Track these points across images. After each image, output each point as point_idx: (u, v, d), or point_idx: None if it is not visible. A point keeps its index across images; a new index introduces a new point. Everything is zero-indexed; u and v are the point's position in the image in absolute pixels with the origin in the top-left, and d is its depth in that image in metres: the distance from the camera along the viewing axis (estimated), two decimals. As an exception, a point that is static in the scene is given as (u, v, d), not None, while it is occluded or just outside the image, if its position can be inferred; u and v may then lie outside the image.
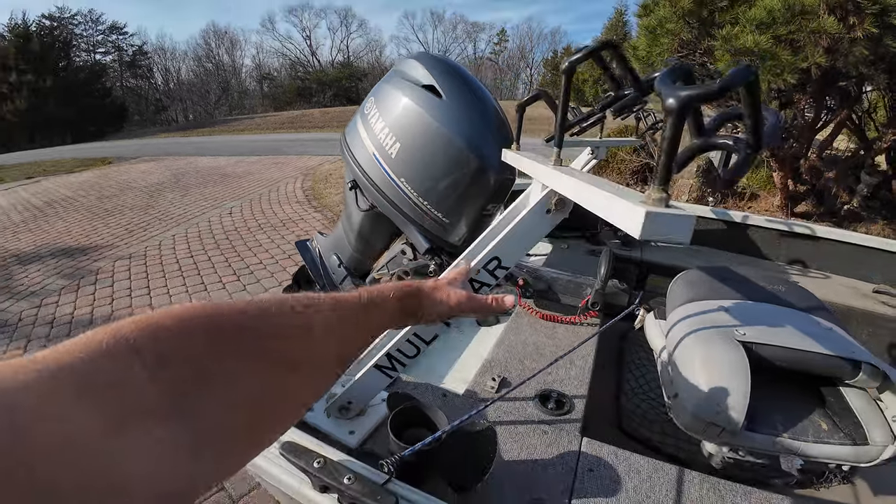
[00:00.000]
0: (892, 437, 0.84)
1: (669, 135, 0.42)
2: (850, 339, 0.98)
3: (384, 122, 1.41)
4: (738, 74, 0.43)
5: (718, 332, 0.87)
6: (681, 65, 0.52)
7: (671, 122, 0.42)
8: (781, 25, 3.72)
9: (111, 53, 41.66)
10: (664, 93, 0.42)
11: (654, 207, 0.41)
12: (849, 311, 1.98)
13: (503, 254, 0.71)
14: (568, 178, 0.59)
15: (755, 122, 0.48)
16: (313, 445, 0.66)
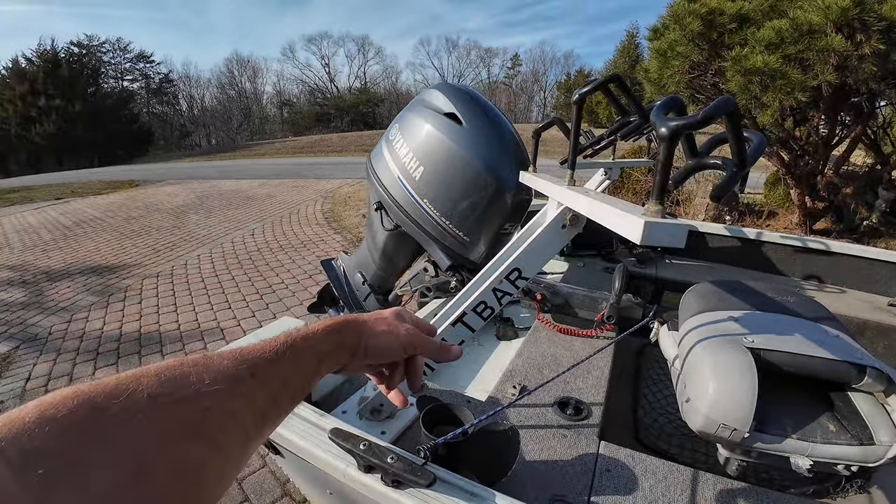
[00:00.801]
0: None
1: (663, 158, 0.49)
2: (855, 346, 1.03)
3: (408, 148, 1.51)
4: (718, 106, 0.50)
5: (727, 340, 0.92)
6: (673, 97, 0.59)
7: (663, 147, 0.49)
8: (790, 45, 3.79)
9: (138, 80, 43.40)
10: (657, 123, 0.50)
11: (652, 218, 0.48)
12: (864, 324, 1.99)
13: (523, 265, 0.78)
14: (581, 196, 0.66)
15: (738, 146, 0.55)
16: (358, 432, 0.73)
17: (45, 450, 0.25)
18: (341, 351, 0.49)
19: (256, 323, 3.60)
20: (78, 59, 36.22)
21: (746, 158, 0.57)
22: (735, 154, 0.57)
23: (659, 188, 0.49)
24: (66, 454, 0.25)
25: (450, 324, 0.84)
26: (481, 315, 0.83)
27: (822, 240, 2.32)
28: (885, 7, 3.66)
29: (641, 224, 0.47)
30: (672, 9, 4.37)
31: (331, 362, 0.48)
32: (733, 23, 4.10)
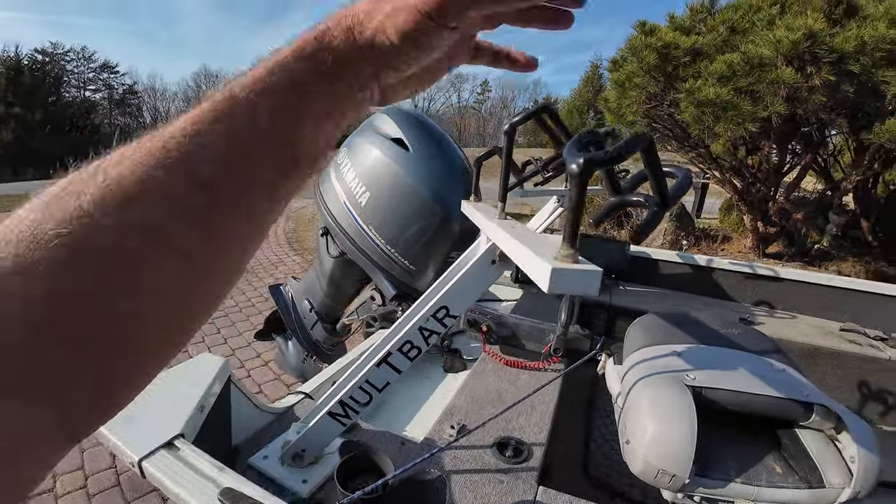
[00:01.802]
0: (849, 479, 0.85)
1: (573, 197, 0.46)
2: (802, 381, 1.01)
3: (355, 173, 1.46)
4: (632, 143, 0.47)
5: (668, 377, 0.90)
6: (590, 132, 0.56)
7: (573, 185, 0.45)
8: (741, 78, 3.96)
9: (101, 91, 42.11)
10: (567, 158, 0.46)
11: (560, 264, 0.44)
12: (815, 350, 2.03)
13: (452, 303, 0.73)
14: (502, 231, 0.63)
15: (658, 183, 0.53)
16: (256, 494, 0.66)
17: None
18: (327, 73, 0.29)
19: (205, 347, 3.43)
20: (41, 67, 34.93)
21: (668, 196, 0.54)
22: (655, 192, 0.54)
23: (570, 230, 0.46)
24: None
25: (374, 364, 0.78)
26: (408, 356, 0.78)
27: (771, 266, 2.37)
28: (836, 39, 3.88)
29: (548, 270, 0.44)
30: (630, 42, 4.53)
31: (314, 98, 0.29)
32: (687, 56, 4.27)
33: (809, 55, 3.88)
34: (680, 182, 0.58)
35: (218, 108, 0.27)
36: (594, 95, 25.49)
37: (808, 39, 3.84)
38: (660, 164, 0.52)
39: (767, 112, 3.91)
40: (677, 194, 0.57)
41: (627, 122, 5.05)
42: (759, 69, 3.91)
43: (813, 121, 4.42)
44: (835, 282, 2.35)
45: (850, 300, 2.31)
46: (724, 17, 4.60)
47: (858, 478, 0.85)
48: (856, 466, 0.86)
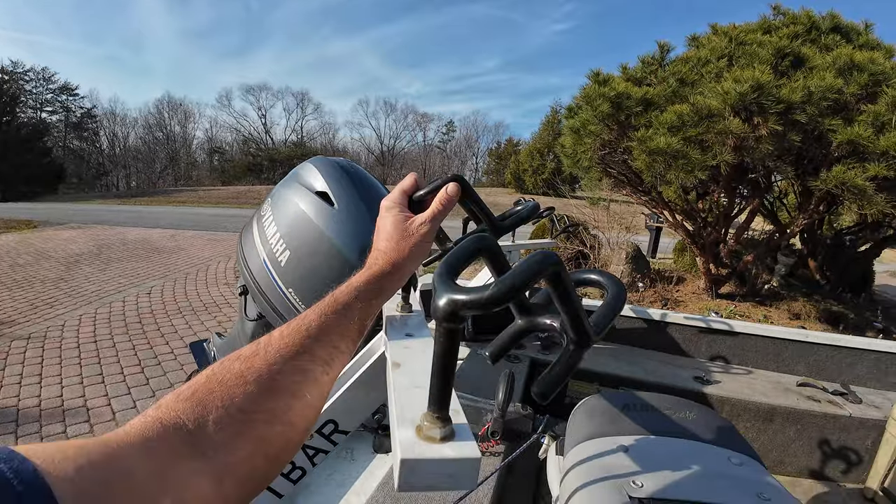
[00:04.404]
0: None
1: (440, 346, 0.33)
2: (763, 478, 0.90)
3: (276, 228, 1.31)
4: (523, 271, 0.35)
5: (610, 490, 0.77)
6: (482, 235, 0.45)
7: (439, 333, 0.33)
8: (691, 127, 4.06)
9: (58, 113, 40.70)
10: (437, 291, 0.34)
11: (418, 449, 0.31)
12: (774, 410, 1.97)
13: (340, 416, 0.59)
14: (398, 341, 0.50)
15: (572, 316, 0.41)
16: None
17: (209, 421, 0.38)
18: (384, 293, 0.55)
19: (131, 402, 3.12)
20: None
21: (587, 332, 0.42)
22: (570, 327, 0.41)
23: (438, 394, 0.33)
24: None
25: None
26: (289, 477, 0.63)
27: (724, 321, 2.33)
28: (783, 90, 4.05)
29: (398, 462, 0.31)
30: (585, 91, 4.62)
31: (377, 303, 0.54)
32: (639, 106, 4.37)
33: (756, 106, 4.03)
34: (611, 302, 0.46)
35: (331, 305, 0.50)
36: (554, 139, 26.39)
37: (755, 91, 3.99)
38: (571, 294, 0.40)
39: (716, 161, 4.02)
40: (607, 318, 0.45)
41: (583, 168, 5.12)
42: (707, 120, 4.02)
43: (759, 168, 4.58)
44: (788, 334, 2.33)
45: (806, 353, 2.29)
46: (674, 69, 4.78)
47: None
48: None
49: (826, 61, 4.50)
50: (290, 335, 0.46)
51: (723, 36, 4.85)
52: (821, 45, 5.16)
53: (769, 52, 4.49)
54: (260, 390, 0.41)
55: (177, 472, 0.33)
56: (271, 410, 0.41)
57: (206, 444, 0.36)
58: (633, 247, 6.25)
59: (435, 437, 0.33)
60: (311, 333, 0.47)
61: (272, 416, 0.41)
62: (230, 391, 0.40)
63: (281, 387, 0.43)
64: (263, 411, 0.41)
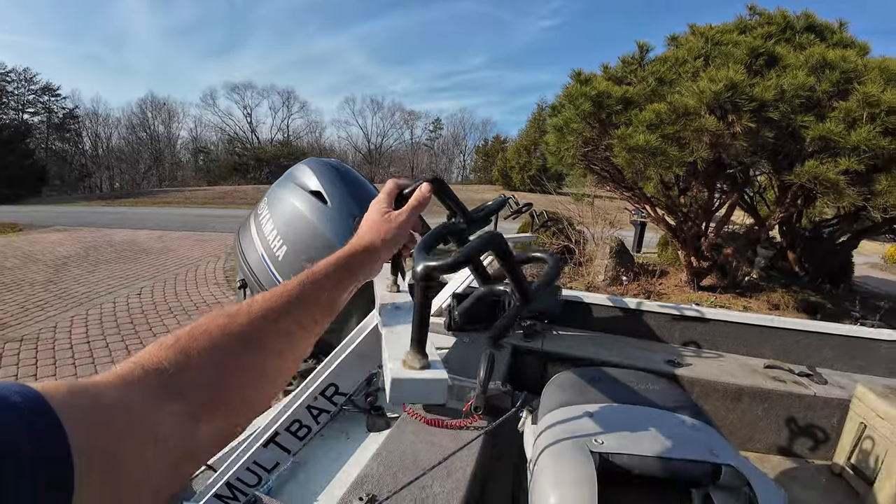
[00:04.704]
0: None
1: (418, 301, 0.45)
2: (715, 439, 1.01)
3: (273, 225, 1.41)
4: (478, 246, 0.46)
5: (574, 444, 0.89)
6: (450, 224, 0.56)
7: (417, 289, 0.44)
8: (668, 125, 4.21)
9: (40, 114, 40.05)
10: (415, 261, 0.45)
11: (401, 374, 0.42)
12: (741, 390, 2.09)
13: (341, 380, 0.70)
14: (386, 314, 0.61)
15: (515, 280, 0.52)
16: None
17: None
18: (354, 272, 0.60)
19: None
20: (-20, 88, 33.01)
21: (528, 292, 0.53)
22: (515, 289, 0.53)
23: (417, 335, 0.44)
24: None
25: (261, 445, 0.73)
26: (296, 435, 0.73)
27: (697, 308, 2.47)
28: (756, 89, 4.21)
29: (390, 379, 0.42)
30: (567, 90, 4.76)
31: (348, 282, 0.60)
32: (619, 105, 4.51)
33: (730, 104, 4.19)
34: (548, 271, 0.57)
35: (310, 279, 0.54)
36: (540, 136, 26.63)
37: (729, 90, 4.14)
38: (513, 261, 0.51)
39: (693, 157, 4.17)
40: (544, 283, 0.57)
41: (567, 165, 5.26)
42: (684, 118, 4.17)
43: (735, 164, 4.74)
44: (758, 320, 2.46)
45: (773, 337, 2.42)
46: (653, 68, 4.92)
47: None
48: None
49: (799, 60, 4.67)
50: (272, 299, 0.50)
51: (699, 36, 5.00)
52: (795, 45, 5.31)
53: (744, 51, 4.65)
54: (242, 344, 0.45)
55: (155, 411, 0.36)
56: (251, 364, 0.45)
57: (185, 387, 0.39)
58: (617, 241, 6.41)
59: (415, 367, 0.44)
60: (291, 299, 0.51)
61: (251, 369, 0.45)
62: (213, 342, 0.42)
63: (261, 344, 0.46)
64: (243, 365, 0.44)
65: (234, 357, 0.44)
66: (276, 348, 0.48)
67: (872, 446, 1.92)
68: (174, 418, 0.37)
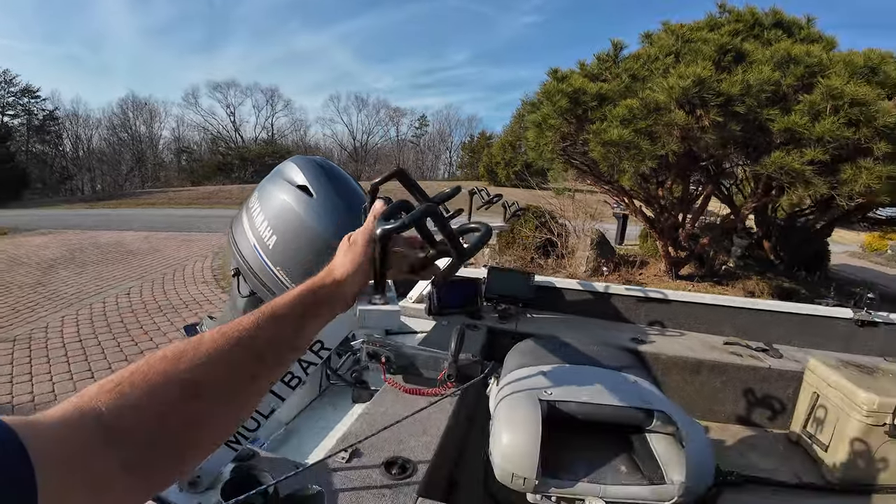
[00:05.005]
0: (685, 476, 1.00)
1: (378, 255, 0.60)
2: (650, 390, 1.17)
3: (264, 216, 1.55)
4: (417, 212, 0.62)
5: (525, 394, 1.04)
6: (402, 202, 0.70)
7: (378, 247, 0.59)
8: (640, 120, 4.40)
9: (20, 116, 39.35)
10: (376, 225, 0.60)
11: (369, 306, 0.58)
12: (700, 363, 2.24)
13: (325, 337, 0.84)
14: None
15: (451, 240, 0.67)
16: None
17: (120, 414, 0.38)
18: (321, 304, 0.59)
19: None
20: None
21: (462, 251, 0.68)
22: (452, 248, 0.68)
23: (377, 280, 0.59)
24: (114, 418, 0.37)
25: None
26: (289, 385, 0.88)
27: (661, 290, 2.64)
28: (723, 84, 4.40)
29: (359, 312, 0.56)
30: (545, 87, 4.93)
31: (316, 313, 0.58)
32: (594, 101, 4.69)
33: (698, 99, 4.38)
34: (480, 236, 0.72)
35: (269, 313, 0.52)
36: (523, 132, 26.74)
37: (697, 86, 4.33)
38: (448, 226, 0.67)
39: (664, 150, 4.35)
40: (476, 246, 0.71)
41: (547, 159, 5.43)
42: (655, 112, 4.35)
43: (704, 156, 4.93)
44: (719, 301, 2.64)
45: (733, 316, 2.59)
46: (627, 65, 5.11)
47: (690, 474, 0.99)
48: (688, 465, 1.00)
49: (765, 55, 4.86)
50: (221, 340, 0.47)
51: (671, 34, 5.20)
52: (763, 41, 5.50)
53: (712, 48, 4.84)
54: (183, 391, 0.42)
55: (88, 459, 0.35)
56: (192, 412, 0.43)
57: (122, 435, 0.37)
58: (597, 233, 6.60)
59: (378, 302, 0.58)
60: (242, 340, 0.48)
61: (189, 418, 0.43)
62: (152, 390, 0.40)
63: (204, 391, 0.44)
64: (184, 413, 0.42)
65: (174, 405, 0.42)
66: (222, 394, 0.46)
67: (825, 414, 2.07)
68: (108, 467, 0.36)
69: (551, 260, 6.57)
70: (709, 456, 1.01)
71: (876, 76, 5.04)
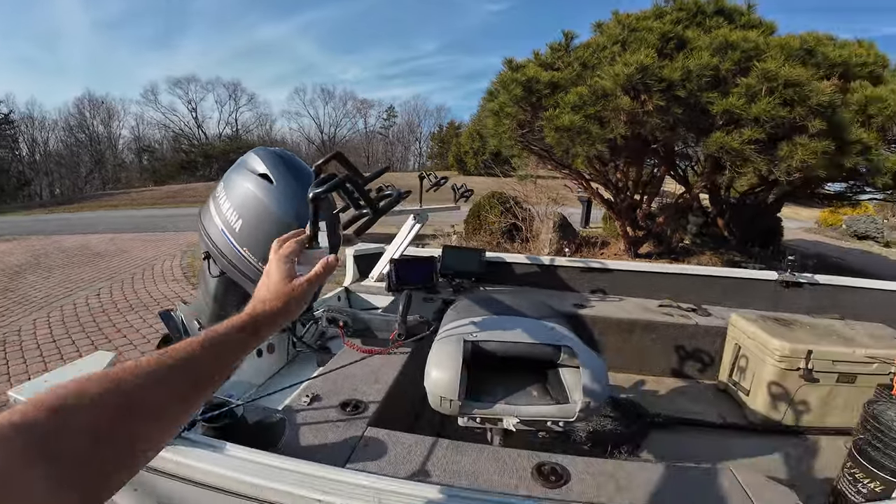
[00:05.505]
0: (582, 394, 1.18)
1: (311, 214, 0.79)
2: (562, 332, 1.37)
3: (230, 203, 1.72)
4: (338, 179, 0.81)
5: (453, 338, 1.26)
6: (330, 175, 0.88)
7: (311, 207, 0.79)
8: (590, 106, 4.65)
9: (-26, 122, 37.51)
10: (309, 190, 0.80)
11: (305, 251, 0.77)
12: (634, 323, 2.48)
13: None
14: None
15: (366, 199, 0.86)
16: None
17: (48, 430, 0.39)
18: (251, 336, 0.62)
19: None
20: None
21: (377, 208, 0.88)
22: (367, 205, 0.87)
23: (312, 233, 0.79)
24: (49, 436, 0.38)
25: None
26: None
27: (602, 261, 2.90)
28: (665, 70, 4.67)
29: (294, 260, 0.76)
30: (500, 76, 5.14)
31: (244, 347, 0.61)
32: (547, 89, 4.92)
33: (642, 85, 4.65)
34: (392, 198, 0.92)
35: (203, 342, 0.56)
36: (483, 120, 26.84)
37: (640, 72, 4.60)
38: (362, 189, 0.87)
39: (613, 134, 4.62)
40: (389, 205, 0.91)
41: (507, 146, 5.67)
42: (603, 99, 4.61)
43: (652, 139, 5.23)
44: (654, 268, 2.90)
45: (668, 282, 2.85)
46: (578, 54, 5.35)
47: (586, 392, 1.18)
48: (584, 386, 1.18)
49: (705, 42, 5.17)
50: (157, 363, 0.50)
51: (618, 23, 5.46)
52: (705, 28, 5.82)
53: (656, 36, 5.13)
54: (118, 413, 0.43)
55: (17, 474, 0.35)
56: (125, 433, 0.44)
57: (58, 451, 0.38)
58: (559, 216, 6.89)
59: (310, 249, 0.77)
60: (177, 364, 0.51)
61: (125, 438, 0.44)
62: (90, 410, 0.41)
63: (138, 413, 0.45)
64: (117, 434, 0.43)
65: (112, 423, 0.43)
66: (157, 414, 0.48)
67: (746, 363, 2.31)
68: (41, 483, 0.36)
69: (517, 244, 6.83)
70: (602, 378, 1.22)
71: (813, 57, 5.39)
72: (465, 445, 1.15)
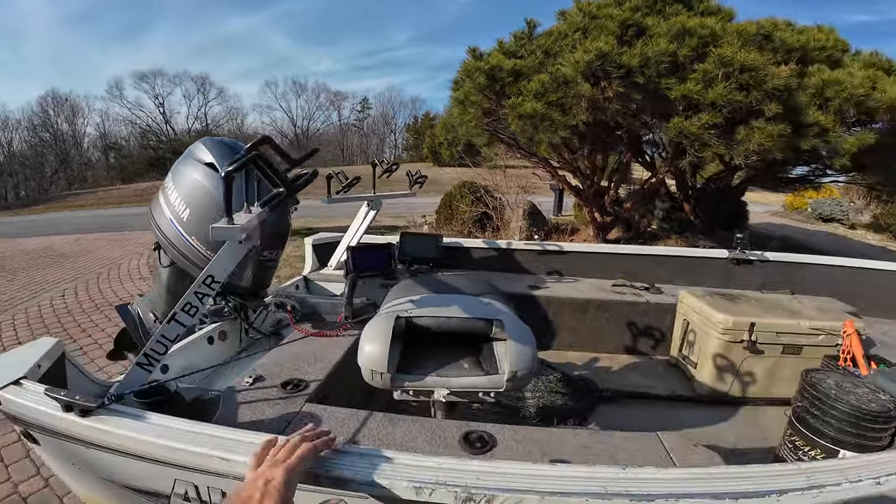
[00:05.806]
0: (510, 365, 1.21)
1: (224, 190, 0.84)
2: (498, 308, 1.40)
3: (178, 193, 1.75)
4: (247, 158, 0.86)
5: (386, 314, 1.30)
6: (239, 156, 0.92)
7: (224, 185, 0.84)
8: (552, 93, 4.72)
9: (-65, 127, 35.82)
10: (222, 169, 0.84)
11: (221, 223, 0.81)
12: (588, 302, 2.55)
13: (215, 272, 1.06)
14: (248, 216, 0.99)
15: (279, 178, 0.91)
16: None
17: None
18: None
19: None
20: None
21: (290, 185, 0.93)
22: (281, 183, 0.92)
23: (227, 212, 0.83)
24: None
25: (166, 323, 1.08)
26: (188, 313, 1.09)
27: (557, 244, 2.98)
28: (624, 57, 4.74)
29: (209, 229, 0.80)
30: (465, 65, 5.17)
31: None
32: (510, 77, 4.97)
33: (602, 72, 4.72)
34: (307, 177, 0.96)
35: None
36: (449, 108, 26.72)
37: (600, 59, 4.67)
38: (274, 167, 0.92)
39: (575, 121, 4.71)
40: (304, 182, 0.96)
41: (473, 135, 5.72)
42: (564, 86, 4.68)
43: (613, 125, 5.33)
44: (608, 249, 2.98)
45: (622, 263, 2.93)
46: (540, 42, 5.41)
47: (513, 363, 1.21)
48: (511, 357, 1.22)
49: (664, 29, 5.26)
50: None
51: (580, 11, 5.53)
52: (665, 15, 5.91)
53: (615, 23, 5.21)
54: None
55: None
56: None
57: None
58: (528, 204, 6.99)
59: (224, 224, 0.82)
60: None
61: None
62: None
63: None
64: None
65: None
66: None
67: (694, 338, 2.39)
68: None
69: (488, 232, 6.91)
70: (530, 350, 1.25)
71: (771, 43, 5.53)
72: (399, 417, 1.21)
